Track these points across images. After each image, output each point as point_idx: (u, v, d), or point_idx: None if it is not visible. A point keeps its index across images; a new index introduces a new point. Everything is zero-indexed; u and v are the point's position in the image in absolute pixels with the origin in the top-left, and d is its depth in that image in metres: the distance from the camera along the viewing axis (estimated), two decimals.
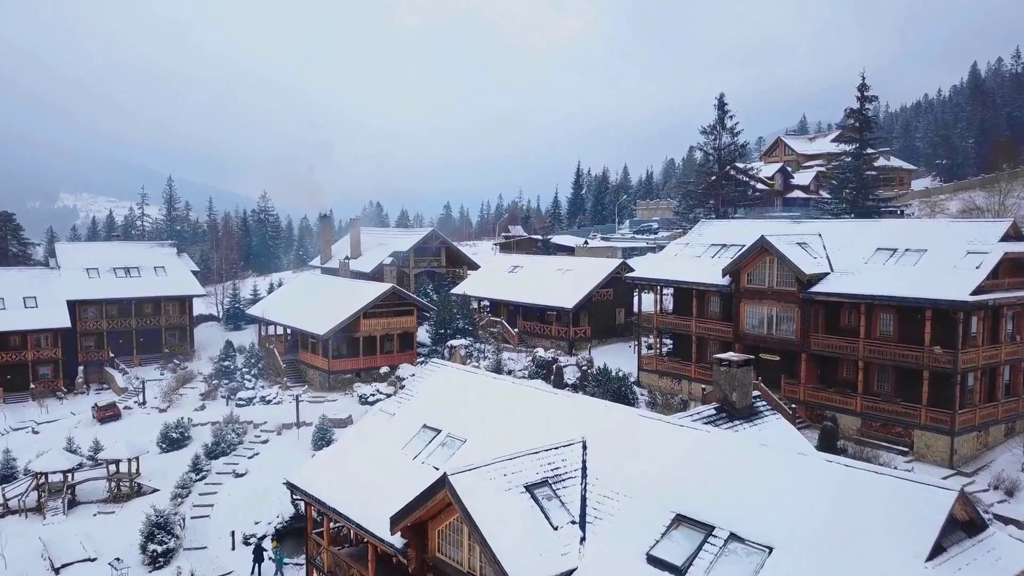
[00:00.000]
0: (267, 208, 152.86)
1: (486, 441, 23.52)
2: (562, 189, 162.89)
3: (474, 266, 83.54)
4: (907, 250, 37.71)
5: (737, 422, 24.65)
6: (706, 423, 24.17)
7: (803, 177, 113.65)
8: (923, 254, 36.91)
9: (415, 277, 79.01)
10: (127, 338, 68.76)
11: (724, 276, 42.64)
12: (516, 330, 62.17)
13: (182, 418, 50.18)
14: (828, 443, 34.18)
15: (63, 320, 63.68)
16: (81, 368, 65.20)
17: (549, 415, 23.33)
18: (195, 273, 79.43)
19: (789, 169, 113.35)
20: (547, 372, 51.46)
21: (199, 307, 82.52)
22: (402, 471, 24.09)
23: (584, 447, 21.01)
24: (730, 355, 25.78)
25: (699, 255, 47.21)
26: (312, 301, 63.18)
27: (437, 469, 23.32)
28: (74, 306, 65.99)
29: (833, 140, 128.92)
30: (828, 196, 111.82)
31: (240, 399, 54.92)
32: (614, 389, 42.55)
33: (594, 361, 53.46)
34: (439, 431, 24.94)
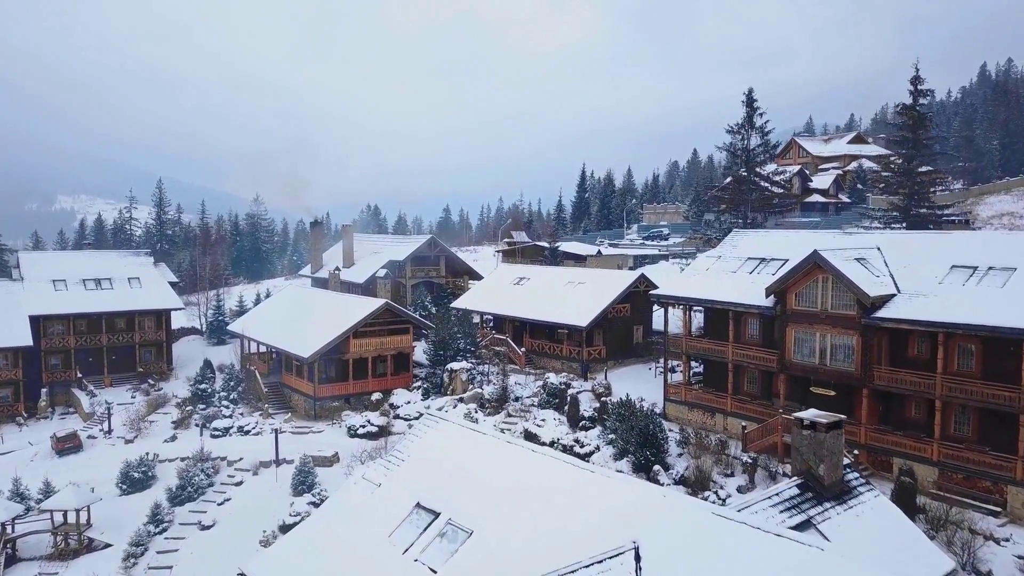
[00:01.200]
0: (259, 212, 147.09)
1: (499, 533, 17.78)
2: (566, 192, 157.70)
3: (475, 276, 77.85)
4: (990, 268, 31.94)
5: (828, 504, 18.91)
6: (789, 508, 18.44)
7: (822, 180, 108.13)
8: (1011, 273, 31.14)
9: (412, 288, 73.28)
10: (97, 356, 62.90)
11: (768, 296, 36.85)
12: (523, 349, 56.34)
13: (147, 454, 44.37)
14: (906, 502, 28.34)
15: (25, 338, 57.86)
16: (45, 390, 59.34)
17: (581, 499, 17.57)
18: (179, 283, 73.88)
19: (807, 172, 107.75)
20: (559, 401, 45.63)
21: (181, 319, 76.85)
22: (387, 570, 18.32)
23: (637, 558, 15.25)
24: (812, 413, 20.02)
25: (734, 270, 41.42)
26: (298, 317, 57.39)
27: (435, 573, 17.60)
28: (38, 321, 60.18)
29: (850, 142, 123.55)
30: (848, 200, 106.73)
31: (215, 429, 49.11)
32: (640, 427, 36.72)
33: (612, 387, 47.74)
34: (437, 514, 19.16)
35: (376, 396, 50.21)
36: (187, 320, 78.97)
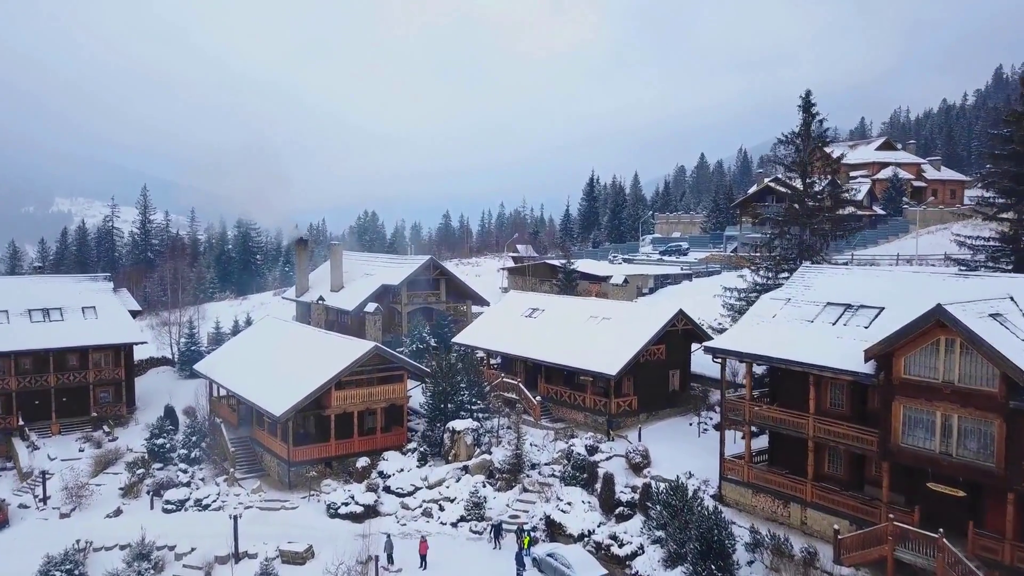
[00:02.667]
0: (249, 220, 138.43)
1: None
2: (572, 198, 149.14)
3: (480, 300, 69.40)
4: None
5: None
6: None
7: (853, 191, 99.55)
8: None
9: (408, 316, 64.75)
10: (44, 399, 54.13)
11: (867, 361, 28.30)
12: (538, 397, 47.82)
13: (77, 542, 35.85)
14: None
15: None
16: None
17: None
18: (163, 297, 65.58)
19: (837, 181, 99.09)
20: (588, 477, 37.06)
21: (150, 349, 68.32)
22: None
23: None
24: None
25: (811, 319, 32.85)
26: (272, 360, 48.72)
27: None
28: None
29: (879, 148, 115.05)
30: (882, 212, 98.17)
31: (168, 502, 40.58)
32: (702, 531, 28.18)
33: (649, 452, 39.28)
34: None
35: (362, 462, 41.51)
36: (157, 350, 70.36)
